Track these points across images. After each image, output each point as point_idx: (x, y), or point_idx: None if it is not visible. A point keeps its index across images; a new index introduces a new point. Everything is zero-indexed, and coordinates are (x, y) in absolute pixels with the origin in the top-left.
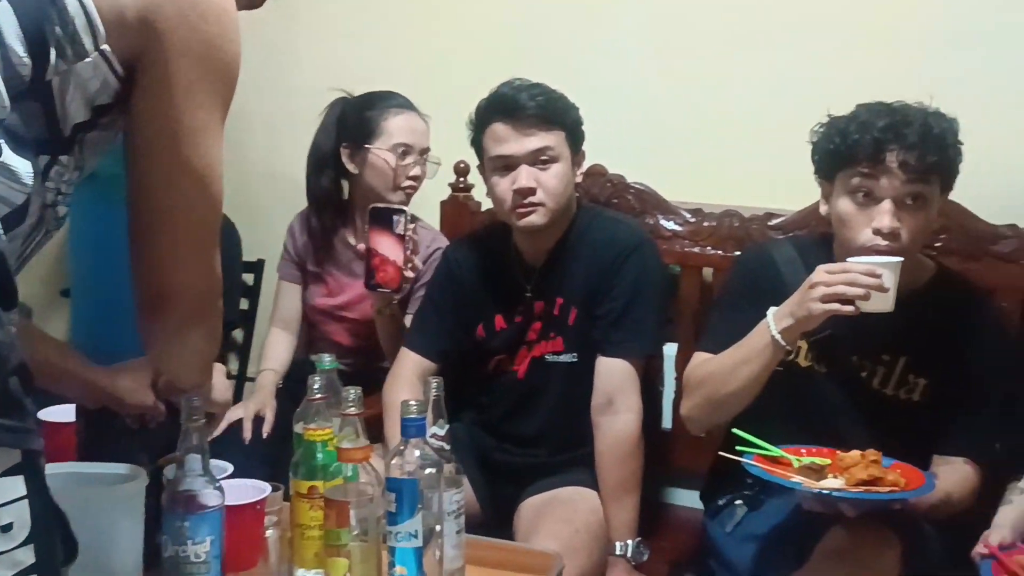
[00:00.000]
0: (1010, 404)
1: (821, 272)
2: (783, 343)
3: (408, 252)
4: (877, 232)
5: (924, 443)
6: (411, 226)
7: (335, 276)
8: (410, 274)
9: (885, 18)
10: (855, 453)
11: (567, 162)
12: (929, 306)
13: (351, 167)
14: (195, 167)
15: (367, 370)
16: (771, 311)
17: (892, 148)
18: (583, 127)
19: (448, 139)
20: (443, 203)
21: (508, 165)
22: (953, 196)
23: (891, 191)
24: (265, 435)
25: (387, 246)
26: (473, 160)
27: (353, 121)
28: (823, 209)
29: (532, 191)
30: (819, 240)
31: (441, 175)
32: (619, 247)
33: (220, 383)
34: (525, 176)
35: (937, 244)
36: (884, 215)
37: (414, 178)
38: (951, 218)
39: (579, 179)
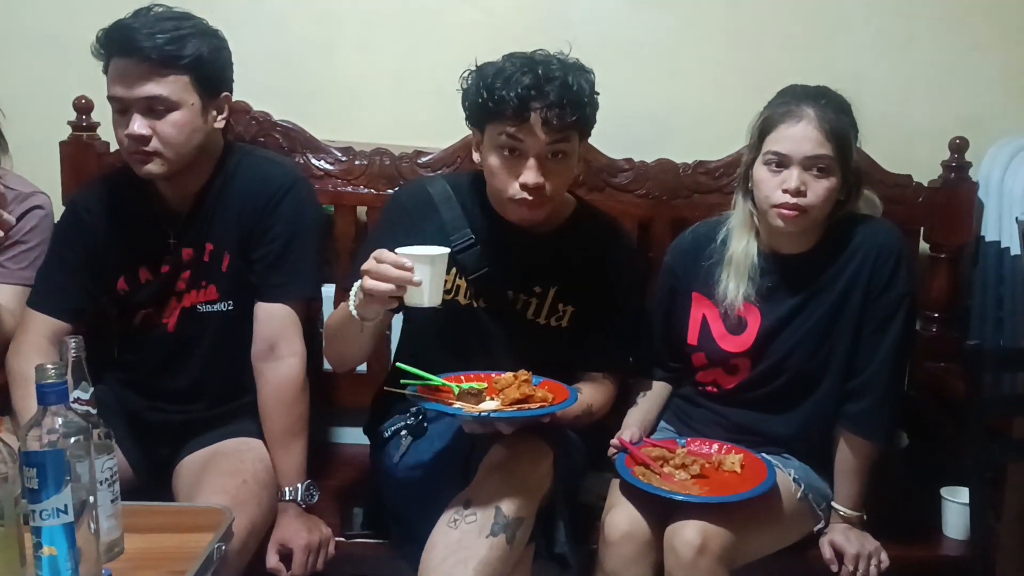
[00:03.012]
0: (638, 322)
1: (371, 259)
2: (357, 315)
3: None
4: (524, 187)
5: (570, 363)
6: None
7: None
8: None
9: None
10: (508, 375)
11: (191, 108)
12: (573, 238)
13: None
14: None
15: None
16: (356, 285)
17: (536, 107)
18: (225, 66)
19: (66, 71)
20: (63, 144)
21: (122, 109)
22: None
23: (535, 148)
24: None
25: None
26: (99, 95)
27: None
28: (476, 157)
29: (145, 139)
30: (474, 179)
31: (59, 112)
32: (272, 188)
33: None
34: (138, 124)
35: None
36: (529, 171)
37: None
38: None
39: (219, 124)
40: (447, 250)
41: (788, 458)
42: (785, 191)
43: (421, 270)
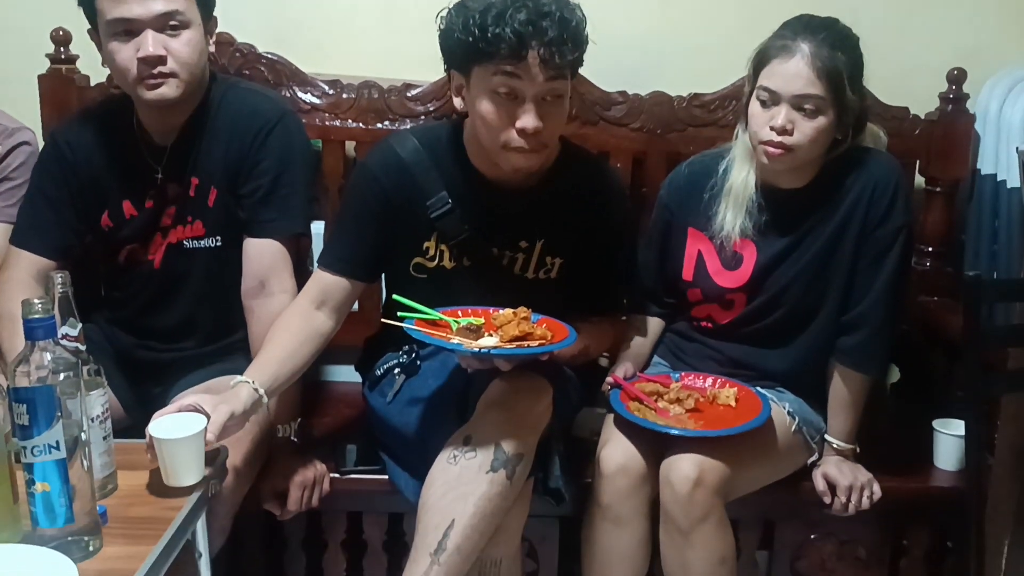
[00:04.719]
0: (631, 261)
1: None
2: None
3: None
4: (521, 132)
5: (564, 311)
6: None
7: None
8: None
9: None
10: (507, 311)
11: (199, 28)
12: (558, 188)
13: None
14: None
15: None
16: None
17: (533, 45)
18: None
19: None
20: (41, 78)
21: (130, 30)
22: None
23: (532, 90)
24: None
25: None
26: (77, 26)
27: None
28: (457, 103)
29: (161, 60)
30: (449, 132)
31: (35, 44)
32: (261, 121)
33: None
34: (152, 43)
35: None
36: (527, 115)
37: None
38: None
39: (212, 48)
40: (197, 429)
41: (782, 392)
42: (772, 128)
43: (167, 451)
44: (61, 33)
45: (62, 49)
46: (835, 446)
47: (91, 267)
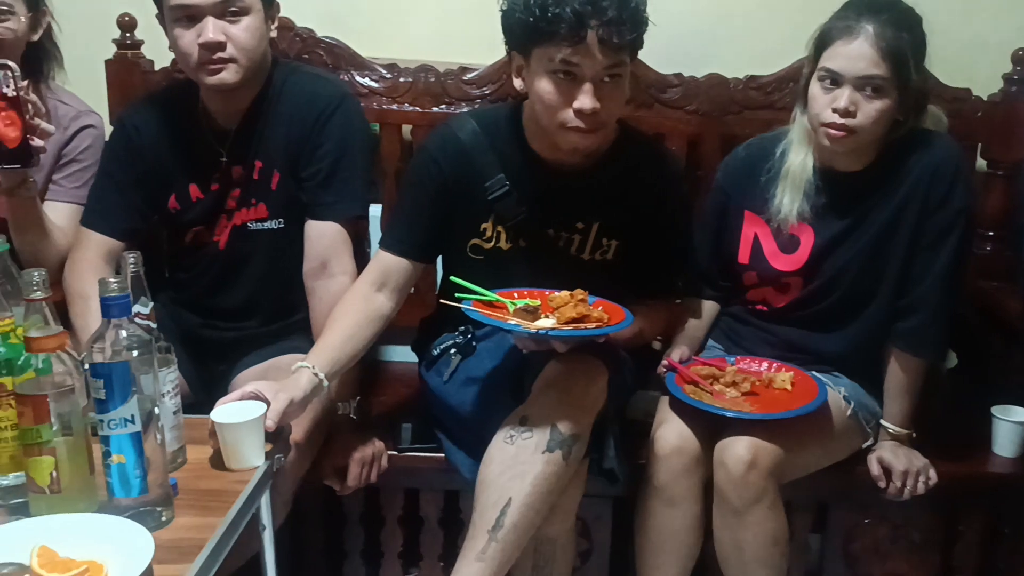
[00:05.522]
0: (687, 244)
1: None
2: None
3: (29, 116)
4: (578, 113)
5: (619, 292)
6: (23, 84)
7: None
8: (38, 142)
9: None
10: (564, 293)
11: (260, 14)
12: (615, 170)
13: None
14: None
15: None
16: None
17: (593, 25)
18: None
19: None
20: (108, 63)
21: (192, 16)
22: None
23: (591, 71)
24: None
25: (3, 107)
26: (142, 12)
27: None
28: (517, 83)
29: (221, 45)
30: (508, 113)
31: (101, 30)
32: (321, 105)
33: None
34: (212, 29)
35: None
36: (585, 96)
37: None
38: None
39: (273, 33)
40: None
41: (838, 376)
42: (834, 110)
43: (226, 432)
44: (127, 19)
45: (128, 35)
46: (891, 431)
47: (156, 249)
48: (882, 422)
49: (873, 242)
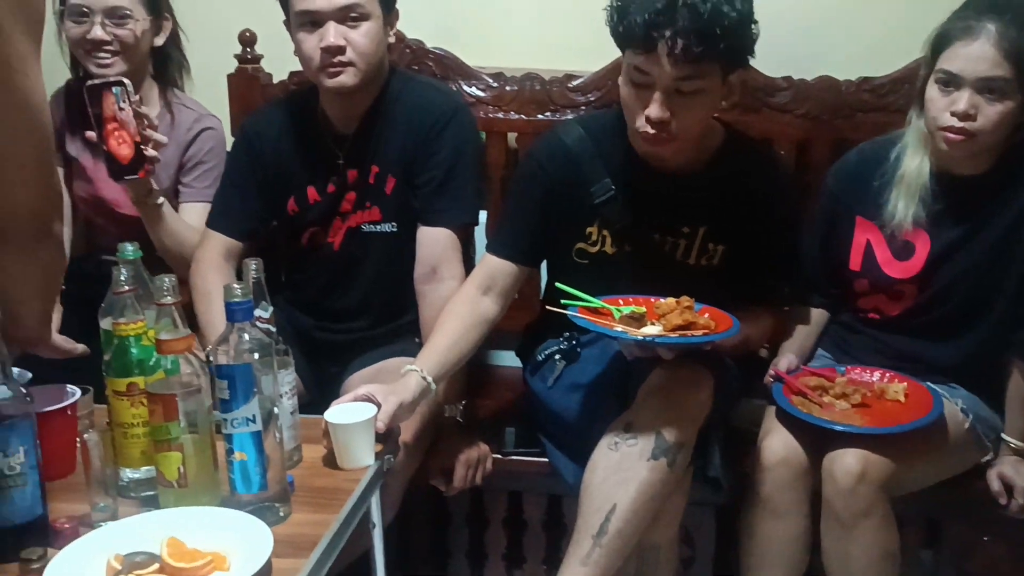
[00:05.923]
0: (794, 250)
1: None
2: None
3: (141, 129)
4: (648, 120)
5: (724, 299)
6: (135, 98)
7: (94, 163)
8: (152, 152)
9: None
10: (670, 300)
11: (379, 20)
12: (722, 175)
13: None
14: (26, 91)
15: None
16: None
17: (662, 36)
18: None
19: (229, 3)
20: (230, 76)
21: (315, 21)
22: None
23: (662, 80)
24: None
25: (116, 126)
26: (261, 28)
27: None
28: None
29: (341, 49)
30: (614, 118)
31: (224, 45)
32: (436, 114)
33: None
34: (333, 33)
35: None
36: (654, 105)
37: (98, 43)
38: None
39: (392, 40)
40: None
41: (955, 387)
42: (953, 114)
43: (340, 433)
44: (248, 34)
45: (248, 50)
46: (1012, 445)
47: (272, 253)
48: (1003, 436)
49: (992, 249)
